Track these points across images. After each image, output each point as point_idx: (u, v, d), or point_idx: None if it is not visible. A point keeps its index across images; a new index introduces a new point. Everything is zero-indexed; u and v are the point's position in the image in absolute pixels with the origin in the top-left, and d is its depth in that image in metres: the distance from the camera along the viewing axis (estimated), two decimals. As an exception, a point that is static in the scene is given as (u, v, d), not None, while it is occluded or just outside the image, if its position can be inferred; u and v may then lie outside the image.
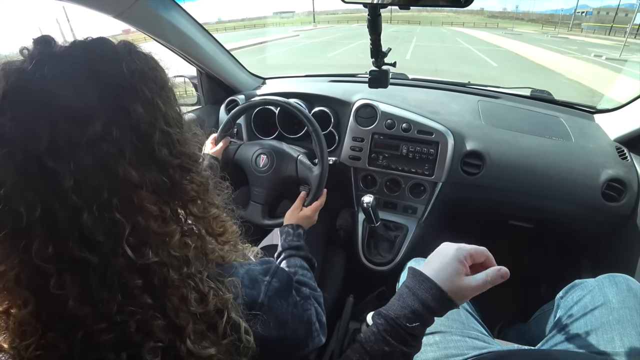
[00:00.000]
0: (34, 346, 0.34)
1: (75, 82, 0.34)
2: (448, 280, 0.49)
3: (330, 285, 1.05)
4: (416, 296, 0.49)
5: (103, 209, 0.34)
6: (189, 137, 0.44)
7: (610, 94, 5.89)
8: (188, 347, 0.37)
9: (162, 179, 0.39)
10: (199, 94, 1.36)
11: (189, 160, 0.42)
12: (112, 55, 0.37)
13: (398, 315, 0.48)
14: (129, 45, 0.40)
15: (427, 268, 0.52)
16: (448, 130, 1.08)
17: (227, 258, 0.48)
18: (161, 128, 0.39)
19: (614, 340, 0.58)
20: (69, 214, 0.33)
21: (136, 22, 0.92)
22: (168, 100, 0.41)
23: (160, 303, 0.37)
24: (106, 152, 0.34)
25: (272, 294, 0.48)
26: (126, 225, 0.35)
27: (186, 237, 0.41)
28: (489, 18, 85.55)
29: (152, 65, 0.41)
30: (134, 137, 0.36)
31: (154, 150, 0.38)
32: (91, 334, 0.34)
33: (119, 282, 0.35)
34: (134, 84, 0.37)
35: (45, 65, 0.33)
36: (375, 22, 0.71)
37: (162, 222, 0.38)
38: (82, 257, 0.33)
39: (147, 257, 0.36)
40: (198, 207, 0.44)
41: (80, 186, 0.33)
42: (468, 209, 1.22)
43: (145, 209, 0.37)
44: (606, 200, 0.98)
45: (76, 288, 0.34)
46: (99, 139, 0.34)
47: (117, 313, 0.35)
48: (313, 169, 0.95)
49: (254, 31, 38.57)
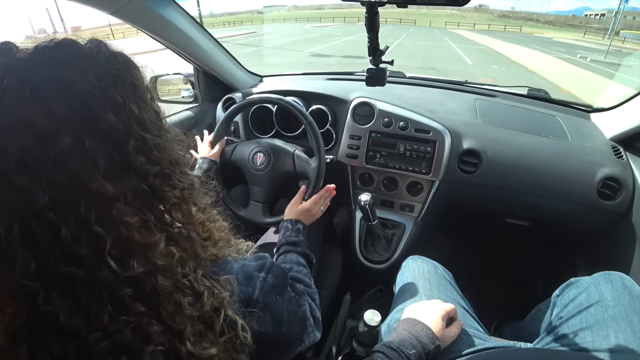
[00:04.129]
0: (26, 348, 0.33)
1: (39, 94, 0.32)
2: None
3: (327, 283, 1.06)
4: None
5: (81, 224, 0.33)
6: (169, 140, 0.42)
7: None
8: (189, 349, 0.37)
9: (142, 186, 0.38)
10: (196, 91, 1.35)
11: (169, 166, 0.41)
12: (79, 61, 0.35)
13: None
14: (97, 45, 0.37)
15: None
16: (445, 128, 1.08)
17: (221, 254, 0.47)
18: (135, 135, 0.37)
19: (609, 337, 0.58)
20: (47, 230, 0.32)
21: (132, 19, 0.91)
22: (144, 102, 0.39)
23: (154, 310, 0.36)
24: (79, 167, 0.33)
25: (267, 290, 0.48)
26: (107, 238, 0.33)
27: (171, 246, 0.39)
28: (499, 18, 77.24)
29: (124, 65, 0.39)
30: (108, 146, 0.35)
31: (131, 158, 0.36)
32: (87, 344, 0.33)
33: (108, 294, 0.34)
34: (104, 89, 0.35)
35: (5, 79, 0.31)
36: (373, 20, 0.70)
37: (145, 231, 0.37)
38: (68, 272, 0.32)
39: (133, 268, 0.35)
40: (182, 212, 0.43)
41: (55, 202, 0.32)
42: (465, 207, 1.22)
43: (126, 220, 0.35)
44: (602, 199, 0.99)
45: (65, 302, 0.33)
46: (70, 152, 0.32)
47: (110, 323, 0.34)
48: (310, 162, 0.95)
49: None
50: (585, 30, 37.24)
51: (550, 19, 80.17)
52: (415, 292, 0.79)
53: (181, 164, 0.43)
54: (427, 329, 0.62)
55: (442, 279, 0.82)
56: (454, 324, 0.67)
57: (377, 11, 0.69)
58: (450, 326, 0.67)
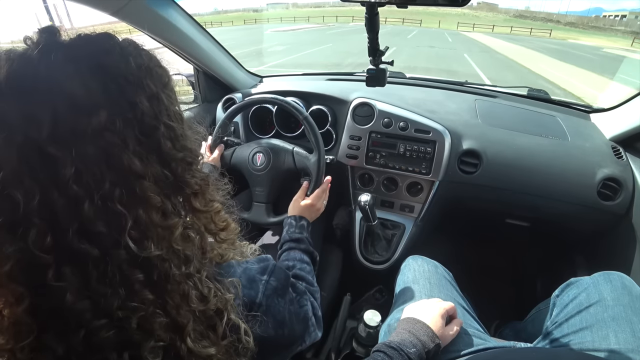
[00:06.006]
0: (30, 347, 0.33)
1: (81, 71, 0.34)
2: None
3: (327, 284, 1.06)
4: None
5: (105, 199, 0.33)
6: (189, 134, 0.44)
7: None
8: (188, 345, 0.37)
9: (164, 172, 0.39)
10: (195, 92, 1.35)
11: (191, 154, 0.42)
12: (118, 50, 0.37)
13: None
14: (134, 42, 0.40)
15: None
16: (445, 129, 1.08)
17: (226, 256, 0.48)
18: (165, 122, 0.39)
19: (609, 337, 0.58)
20: (69, 203, 0.32)
21: (133, 19, 0.91)
22: (170, 97, 0.41)
23: (161, 299, 0.37)
24: (110, 142, 0.34)
25: (270, 293, 0.48)
26: (128, 217, 0.34)
27: (189, 230, 0.41)
28: (515, 18, 69.22)
29: (156, 62, 0.41)
30: (137, 130, 0.36)
31: (159, 143, 0.38)
32: (91, 332, 0.34)
33: (120, 276, 0.34)
34: (140, 77, 0.37)
35: (52, 53, 0.33)
36: (373, 20, 0.70)
37: (163, 215, 0.38)
38: (82, 249, 0.33)
39: (150, 250, 0.35)
40: (200, 201, 0.44)
41: (81, 175, 0.32)
42: (465, 208, 1.22)
43: (149, 200, 0.36)
44: (602, 199, 0.99)
45: (75, 281, 0.33)
46: (103, 129, 0.33)
47: (118, 308, 0.34)
48: (310, 157, 0.96)
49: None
50: (634, 38, 27.51)
51: (572, 19, 74.65)
52: (416, 292, 0.79)
53: (199, 157, 0.45)
54: (426, 328, 0.62)
55: (442, 279, 0.82)
56: (454, 322, 0.68)
57: (377, 11, 0.69)
58: (450, 324, 0.67)
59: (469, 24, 40.37)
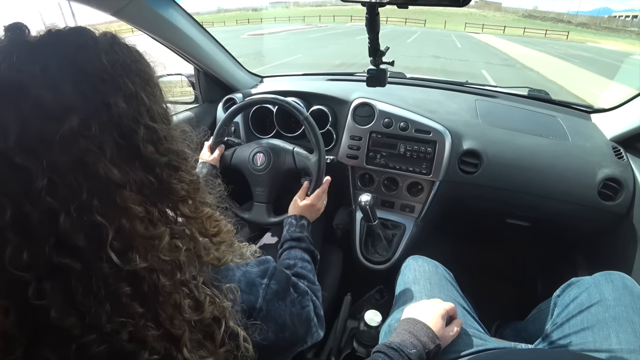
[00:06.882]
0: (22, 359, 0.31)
1: (49, 73, 0.31)
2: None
3: (327, 284, 1.06)
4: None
5: (82, 211, 0.31)
6: (176, 135, 0.42)
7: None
8: (185, 356, 0.36)
9: (148, 178, 0.36)
10: (196, 92, 1.35)
11: (177, 157, 0.40)
12: (92, 46, 0.35)
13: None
14: (111, 36, 0.37)
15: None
16: (445, 129, 1.08)
17: (224, 259, 0.45)
18: (146, 124, 0.36)
19: (610, 337, 0.58)
20: (43, 216, 0.30)
21: (133, 19, 0.91)
22: (153, 96, 0.39)
23: (152, 312, 0.35)
24: (84, 149, 0.31)
25: (271, 297, 0.47)
26: (109, 228, 0.32)
27: (176, 240, 0.38)
28: (523, 18, 64.16)
29: (136, 58, 0.39)
30: (115, 134, 0.34)
31: (138, 147, 0.35)
32: (83, 346, 0.32)
33: (105, 290, 0.32)
34: (116, 76, 0.35)
35: (15, 53, 0.31)
36: (373, 21, 0.70)
37: (149, 224, 0.36)
38: (63, 264, 0.31)
39: (135, 262, 0.33)
40: (189, 207, 0.41)
41: (55, 186, 0.30)
42: (465, 208, 1.22)
43: (130, 210, 0.34)
44: (602, 199, 0.99)
45: (58, 297, 0.31)
46: (76, 135, 0.31)
47: (107, 323, 0.32)
48: (310, 157, 0.96)
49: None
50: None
51: (583, 20, 68.59)
52: (416, 292, 0.79)
53: (188, 159, 0.42)
54: (427, 328, 0.62)
55: (442, 279, 0.82)
56: (454, 323, 0.68)
57: (377, 12, 0.69)
58: (450, 325, 0.67)
59: (477, 24, 37.55)
